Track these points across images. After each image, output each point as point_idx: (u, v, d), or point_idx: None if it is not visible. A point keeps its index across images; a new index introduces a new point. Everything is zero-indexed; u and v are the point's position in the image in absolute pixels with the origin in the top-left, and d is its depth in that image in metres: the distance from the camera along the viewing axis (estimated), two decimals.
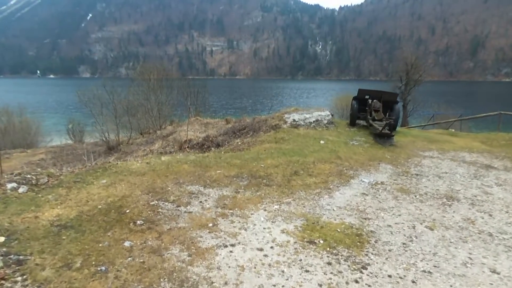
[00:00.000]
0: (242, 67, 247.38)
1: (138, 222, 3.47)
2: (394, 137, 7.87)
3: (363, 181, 4.97)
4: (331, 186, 4.75)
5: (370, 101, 9.86)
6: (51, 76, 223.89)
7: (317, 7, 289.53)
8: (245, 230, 3.41)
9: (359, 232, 3.43)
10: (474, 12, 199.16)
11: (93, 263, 2.70)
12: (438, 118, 18.74)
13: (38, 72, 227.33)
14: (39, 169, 5.31)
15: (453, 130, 14.52)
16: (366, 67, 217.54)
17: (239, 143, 8.51)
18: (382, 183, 5.00)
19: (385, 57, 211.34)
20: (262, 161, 5.91)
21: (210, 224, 3.49)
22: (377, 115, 9.26)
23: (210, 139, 9.32)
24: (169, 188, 4.52)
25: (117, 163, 5.79)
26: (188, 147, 9.12)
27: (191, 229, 3.38)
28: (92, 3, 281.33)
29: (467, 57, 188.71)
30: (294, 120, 9.11)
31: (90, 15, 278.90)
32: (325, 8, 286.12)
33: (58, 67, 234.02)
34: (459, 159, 6.75)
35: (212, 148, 8.76)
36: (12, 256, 2.66)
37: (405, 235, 3.42)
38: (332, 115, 10.43)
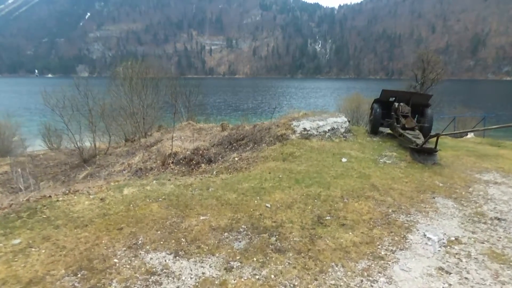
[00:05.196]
0: (241, 66, 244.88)
1: None
2: (437, 153, 6.04)
3: (429, 239, 3.16)
4: (382, 252, 2.92)
5: (396, 104, 8.10)
6: (49, 75, 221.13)
7: (317, 5, 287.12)
8: None
9: None
10: (474, 10, 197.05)
11: None
12: (458, 121, 16.97)
13: (36, 71, 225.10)
14: None
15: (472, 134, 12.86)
16: (366, 66, 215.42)
17: (236, 159, 6.72)
18: (458, 240, 3.18)
19: (385, 56, 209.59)
20: (268, 196, 4.11)
21: None
22: (407, 123, 7.46)
23: (201, 152, 7.51)
24: (116, 260, 2.71)
25: (57, 201, 3.99)
26: (172, 162, 7.31)
27: None
28: (90, 2, 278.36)
29: (468, 55, 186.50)
30: (304, 129, 7.29)
31: (89, 14, 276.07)
32: (325, 6, 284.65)
33: (56, 66, 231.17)
34: None
35: (202, 165, 6.97)
36: None
37: None
38: (349, 121, 8.62)
